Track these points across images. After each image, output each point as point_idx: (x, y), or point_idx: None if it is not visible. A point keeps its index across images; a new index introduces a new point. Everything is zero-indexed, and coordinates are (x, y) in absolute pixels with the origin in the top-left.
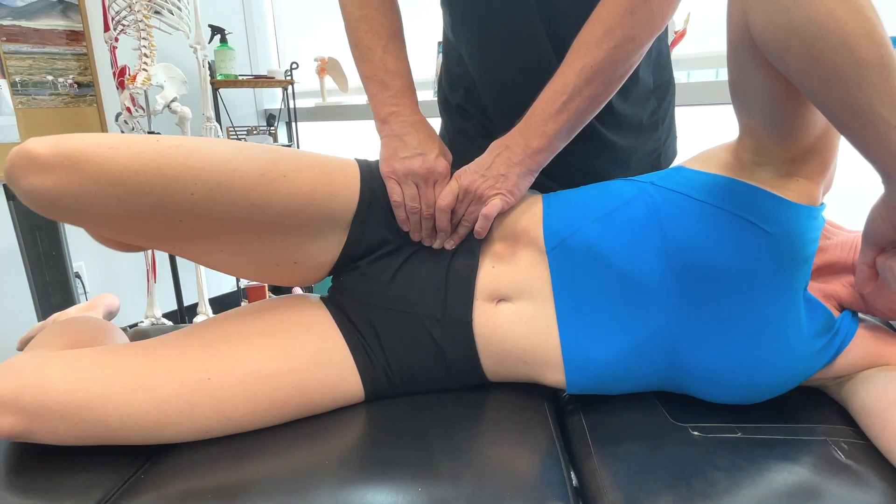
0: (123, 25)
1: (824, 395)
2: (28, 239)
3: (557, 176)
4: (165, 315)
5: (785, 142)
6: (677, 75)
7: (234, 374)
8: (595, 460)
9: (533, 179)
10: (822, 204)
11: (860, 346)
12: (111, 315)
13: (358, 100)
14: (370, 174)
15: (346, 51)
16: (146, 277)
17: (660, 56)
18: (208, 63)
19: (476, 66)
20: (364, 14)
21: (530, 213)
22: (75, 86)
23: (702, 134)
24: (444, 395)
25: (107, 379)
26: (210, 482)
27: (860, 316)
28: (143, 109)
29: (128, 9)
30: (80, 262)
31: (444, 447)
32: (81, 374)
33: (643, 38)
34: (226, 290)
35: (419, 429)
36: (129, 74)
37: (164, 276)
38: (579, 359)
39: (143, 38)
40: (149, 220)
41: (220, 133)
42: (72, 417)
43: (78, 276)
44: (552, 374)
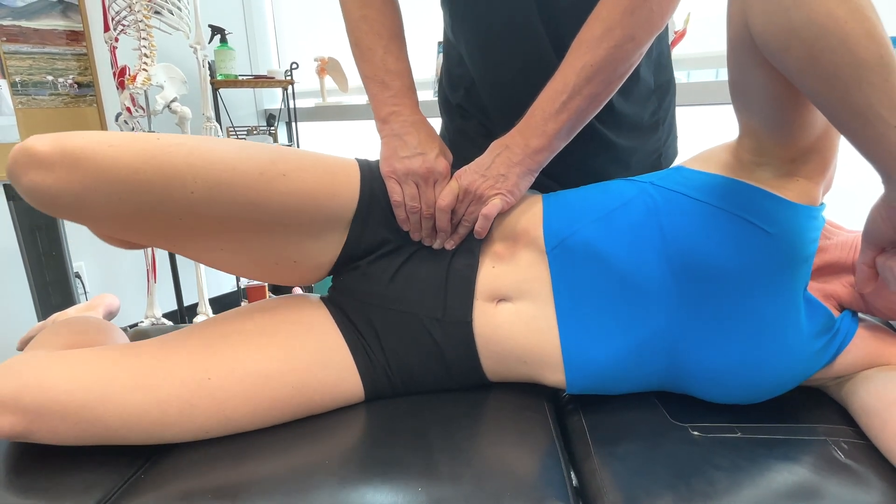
0: (123, 25)
1: (824, 395)
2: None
3: (557, 176)
4: (165, 315)
5: (785, 142)
6: (677, 75)
7: (234, 374)
8: (595, 460)
9: (533, 179)
10: (822, 204)
11: (860, 346)
12: (111, 315)
13: (358, 100)
14: (370, 174)
15: (346, 51)
16: (146, 277)
17: (660, 56)
18: (208, 63)
19: (476, 66)
20: (364, 14)
21: (530, 213)
22: (75, 86)
23: (702, 134)
24: (444, 395)
25: (107, 379)
26: (210, 482)
27: (860, 316)
28: (143, 109)
29: (128, 9)
30: (80, 262)
31: (444, 447)
32: (81, 373)
33: (643, 37)
34: (226, 290)
35: (419, 429)
36: (129, 74)
37: (164, 276)
38: (579, 359)
39: (143, 39)
40: (149, 217)
41: (220, 133)
42: (72, 417)
43: (78, 276)
44: (552, 374)
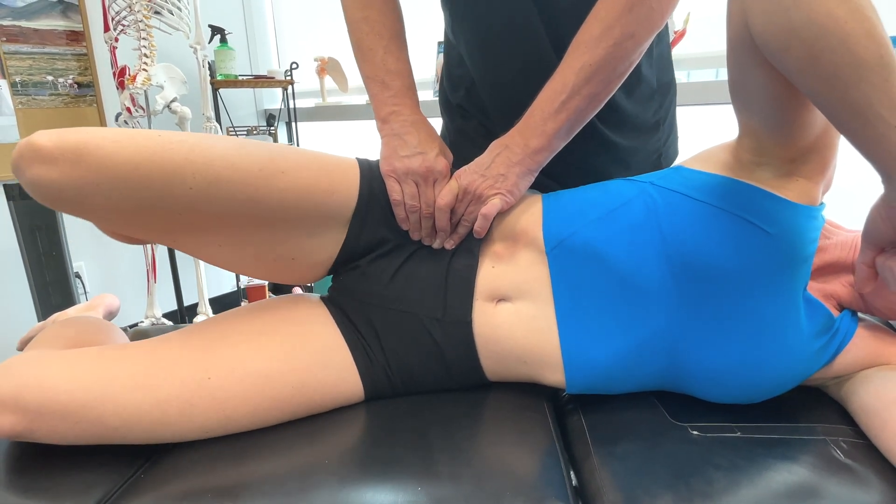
0: (123, 25)
1: (824, 395)
2: (28, 239)
3: (557, 175)
4: (165, 315)
5: (785, 141)
6: (677, 75)
7: (235, 373)
8: (594, 460)
9: (533, 179)
10: (822, 203)
11: (859, 345)
12: (111, 315)
13: (358, 100)
14: (370, 173)
15: (346, 51)
16: (146, 277)
17: (662, 56)
18: (208, 63)
19: (476, 66)
20: (365, 16)
21: (530, 212)
22: (75, 86)
23: (702, 134)
24: (444, 395)
25: (107, 378)
26: (210, 482)
27: (860, 315)
28: (143, 109)
29: (128, 9)
30: (80, 262)
31: (444, 447)
32: (81, 373)
33: (642, 35)
34: (226, 290)
35: (419, 428)
36: (129, 74)
37: (165, 276)
38: (579, 359)
39: (143, 39)
40: (149, 213)
41: (219, 133)
42: (72, 417)
43: (78, 276)
44: (552, 373)
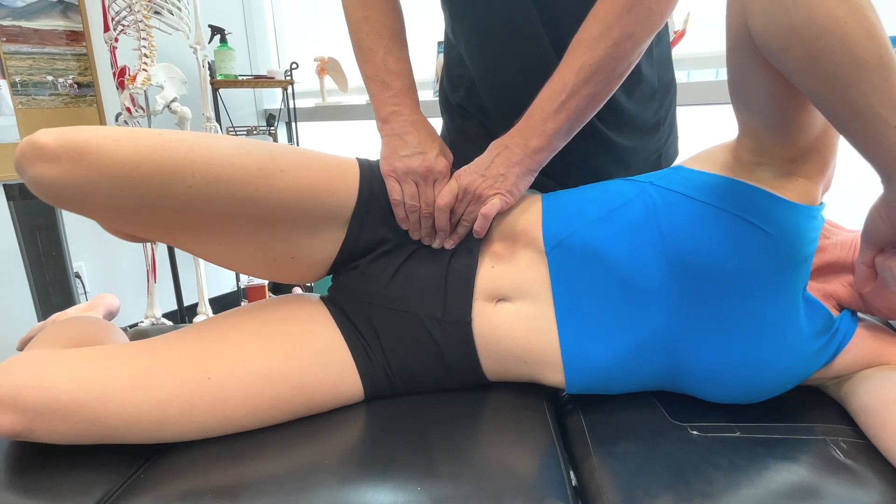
0: (123, 26)
1: (823, 395)
2: (28, 239)
3: (557, 175)
4: (165, 315)
5: (784, 141)
6: (677, 75)
7: (235, 373)
8: (594, 460)
9: (532, 179)
10: (822, 203)
11: (859, 345)
12: (111, 315)
13: (358, 100)
14: (370, 172)
15: (346, 51)
16: (146, 277)
17: (662, 56)
18: (208, 63)
19: (476, 66)
20: (366, 16)
21: (529, 212)
22: (75, 86)
23: (702, 134)
24: (444, 395)
25: (107, 378)
26: (210, 482)
27: (859, 315)
28: (143, 109)
29: (128, 9)
30: (80, 262)
31: (444, 447)
32: (81, 373)
33: (642, 35)
34: (226, 290)
35: (419, 428)
36: (129, 74)
37: (164, 276)
38: (579, 359)
39: (143, 39)
40: (149, 210)
41: (219, 133)
42: (72, 416)
43: (78, 276)
44: (551, 373)
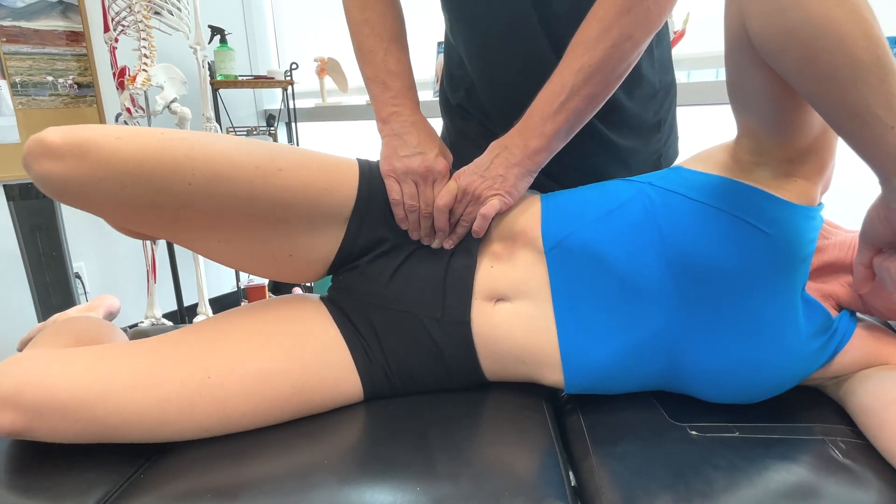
0: (123, 26)
1: (822, 395)
2: (28, 239)
3: (557, 175)
4: (165, 315)
5: (783, 142)
6: (677, 75)
7: (235, 372)
8: (593, 460)
9: (532, 180)
10: (821, 204)
11: (858, 345)
12: (112, 316)
13: (358, 100)
14: (370, 172)
15: (346, 51)
16: (146, 278)
17: (663, 56)
18: (208, 63)
19: (475, 67)
20: (366, 18)
21: (528, 213)
22: (75, 86)
23: (702, 134)
24: (444, 395)
25: (107, 377)
26: (210, 482)
27: (858, 315)
28: (142, 110)
29: (128, 9)
30: (80, 262)
31: (444, 447)
32: (82, 371)
33: (641, 36)
34: (226, 290)
35: (418, 428)
36: (129, 75)
37: (165, 277)
38: (578, 359)
39: (143, 39)
40: (150, 207)
41: (220, 133)
42: (72, 415)
43: (78, 276)
44: (551, 373)
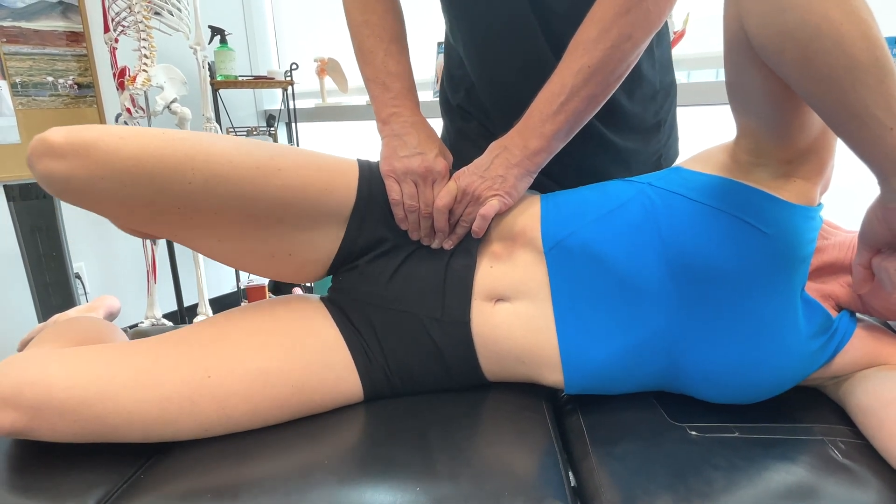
0: (123, 26)
1: (822, 395)
2: (28, 240)
3: (556, 176)
4: (165, 315)
5: (782, 142)
6: (677, 75)
7: (235, 372)
8: (593, 460)
9: (531, 180)
10: (820, 204)
11: (858, 345)
12: (112, 317)
13: (358, 100)
14: (370, 173)
15: (346, 51)
16: (146, 278)
17: (663, 57)
18: (208, 64)
19: (475, 67)
20: (366, 19)
21: (528, 213)
22: (75, 87)
23: (702, 134)
24: (444, 395)
25: (107, 376)
26: (210, 482)
27: (858, 316)
28: (143, 110)
29: (128, 10)
30: (81, 262)
31: (443, 447)
32: (82, 371)
33: (640, 36)
34: (226, 290)
35: (418, 428)
36: (129, 75)
37: (165, 277)
38: (577, 359)
39: (143, 39)
40: (149, 206)
41: (220, 133)
42: (72, 414)
43: (78, 276)
44: (550, 373)
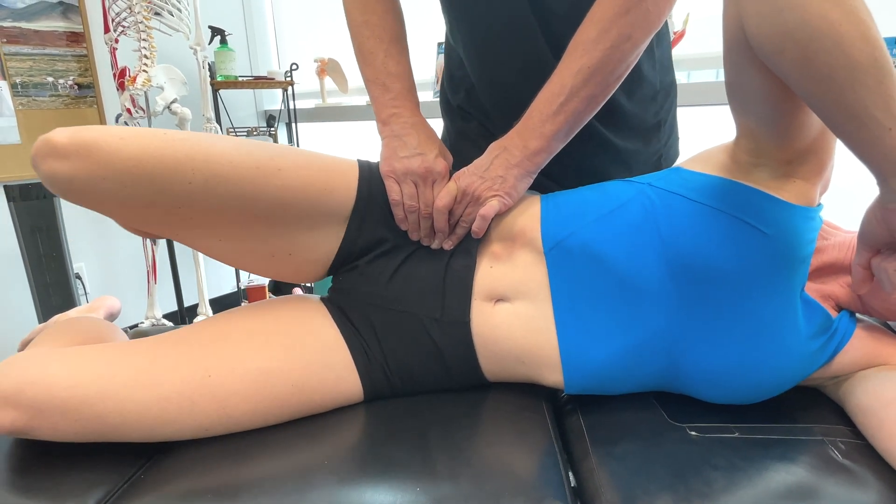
0: (123, 27)
1: (822, 395)
2: (28, 240)
3: (556, 176)
4: (166, 316)
5: (782, 143)
6: (677, 76)
7: (235, 371)
8: (593, 460)
9: (531, 181)
10: (820, 205)
11: (858, 346)
12: (113, 317)
13: (358, 101)
14: (370, 173)
15: (346, 51)
16: (146, 278)
17: (663, 57)
18: (208, 64)
19: (475, 67)
20: (366, 20)
21: (528, 213)
22: (76, 87)
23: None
24: (444, 396)
25: (108, 375)
26: (210, 482)
27: (858, 316)
28: (143, 111)
29: (128, 10)
30: (81, 263)
31: (443, 447)
32: (83, 370)
33: (640, 36)
34: (226, 290)
35: (418, 429)
36: (129, 76)
37: (165, 277)
38: (577, 359)
39: (144, 40)
40: (150, 206)
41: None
42: (72, 413)
43: (78, 277)
44: (550, 374)
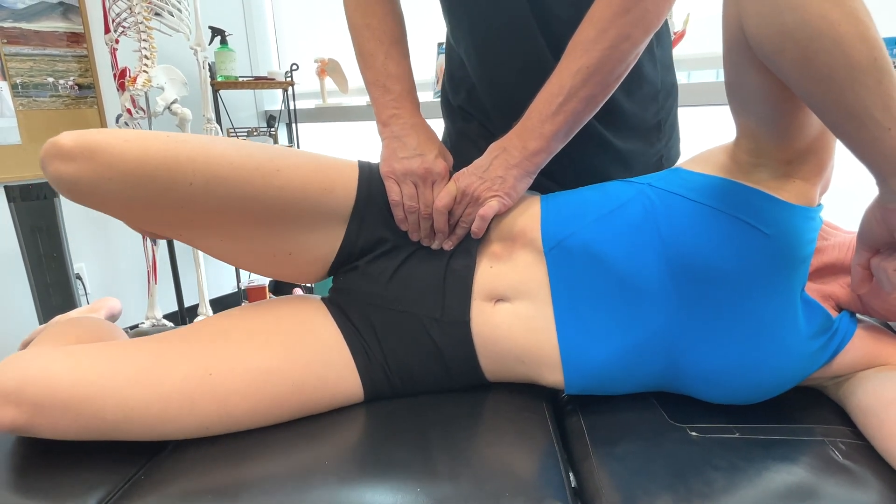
0: (124, 27)
1: (822, 396)
2: (29, 240)
3: (557, 176)
4: (166, 316)
5: (782, 143)
6: (678, 76)
7: (235, 370)
8: (593, 460)
9: (531, 181)
10: (820, 205)
11: (858, 346)
12: (113, 318)
13: (358, 101)
14: (369, 174)
15: (347, 52)
16: (147, 278)
17: (664, 57)
18: (208, 64)
19: (475, 67)
20: (367, 22)
21: (528, 213)
22: (76, 87)
23: (702, 135)
24: (444, 396)
25: (109, 373)
26: (210, 482)
27: (858, 316)
28: (143, 111)
29: (128, 10)
30: (81, 263)
31: (444, 447)
32: (84, 368)
33: (639, 36)
34: (226, 291)
35: (419, 429)
36: (129, 76)
37: (165, 277)
38: (577, 359)
39: (144, 40)
40: (152, 206)
41: (220, 134)
42: (73, 410)
43: (79, 277)
44: (550, 374)
